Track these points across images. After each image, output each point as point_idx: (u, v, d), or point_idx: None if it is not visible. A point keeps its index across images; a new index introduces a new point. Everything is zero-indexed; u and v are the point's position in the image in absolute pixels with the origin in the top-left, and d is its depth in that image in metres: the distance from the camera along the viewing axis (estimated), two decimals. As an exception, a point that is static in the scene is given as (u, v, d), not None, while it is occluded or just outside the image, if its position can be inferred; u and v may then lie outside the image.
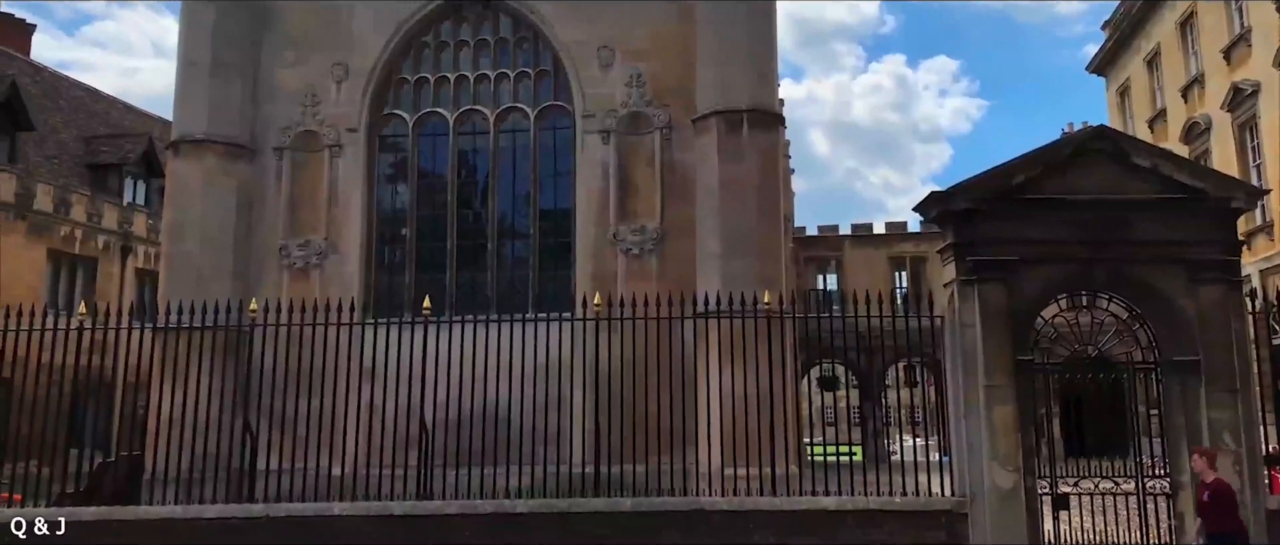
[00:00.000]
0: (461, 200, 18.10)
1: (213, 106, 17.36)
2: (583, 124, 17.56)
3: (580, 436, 11.13)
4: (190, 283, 15.93)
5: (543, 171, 17.97)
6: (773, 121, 16.74)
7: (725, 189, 15.80)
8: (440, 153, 18.17)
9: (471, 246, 17.86)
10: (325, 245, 17.51)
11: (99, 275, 26.57)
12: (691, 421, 11.35)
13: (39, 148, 27.02)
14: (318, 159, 17.84)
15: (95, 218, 26.58)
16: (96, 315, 11.80)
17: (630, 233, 16.95)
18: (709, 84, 16.50)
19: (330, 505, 10.43)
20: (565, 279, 17.28)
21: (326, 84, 18.04)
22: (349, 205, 17.69)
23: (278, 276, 17.32)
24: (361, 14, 18.25)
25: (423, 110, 18.14)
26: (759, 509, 10.12)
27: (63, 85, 31.56)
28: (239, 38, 17.80)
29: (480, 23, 18.46)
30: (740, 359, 10.90)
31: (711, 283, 14.50)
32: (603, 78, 17.66)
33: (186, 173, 17.26)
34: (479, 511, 10.14)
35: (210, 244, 16.86)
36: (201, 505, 10.59)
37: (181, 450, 10.89)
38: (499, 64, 18.32)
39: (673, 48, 17.39)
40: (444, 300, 16.64)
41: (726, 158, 15.95)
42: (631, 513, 10.11)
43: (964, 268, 10.37)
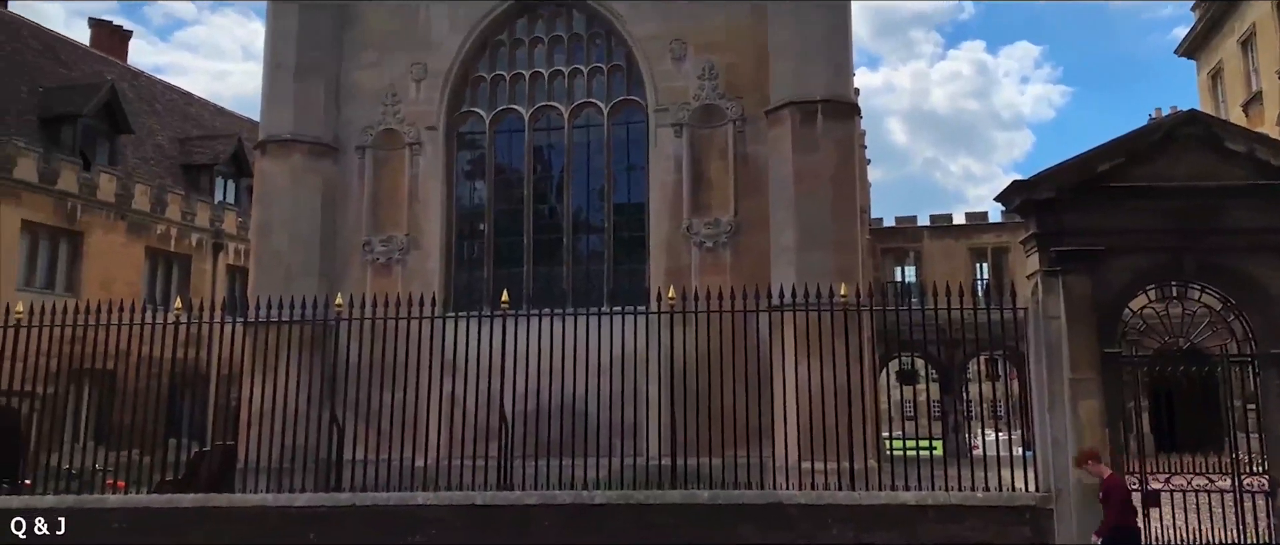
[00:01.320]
0: (537, 195, 18.31)
1: (298, 107, 17.89)
2: (656, 118, 17.60)
3: (656, 429, 11.21)
4: (278, 279, 16.47)
5: (616, 166, 18.07)
6: (848, 111, 16.54)
7: (799, 181, 15.68)
8: (516, 149, 18.42)
9: (547, 241, 18.07)
10: (407, 241, 17.91)
11: (192, 272, 27.66)
12: (767, 415, 11.34)
13: (137, 149, 28.23)
14: (398, 157, 18.25)
15: (189, 216, 27.66)
16: (192, 310, 12.29)
17: (703, 226, 16.95)
18: (783, 75, 16.39)
19: (414, 495, 10.71)
20: (639, 273, 17.36)
21: (406, 83, 18.43)
22: (429, 202, 18.06)
23: (361, 272, 17.78)
24: (438, 15, 18.59)
25: (499, 107, 18.40)
26: (837, 503, 10.07)
27: (158, 89, 32.89)
28: (322, 41, 18.29)
29: (554, 20, 18.64)
30: (816, 352, 10.84)
31: (786, 276, 14.43)
32: (675, 71, 17.68)
33: (274, 172, 17.83)
34: (558, 502, 10.31)
35: (297, 241, 17.38)
36: (292, 494, 10.99)
37: (272, 441, 11.31)
38: (573, 60, 18.47)
39: (746, 39, 17.31)
40: (521, 294, 16.89)
41: (801, 149, 15.82)
42: (708, 506, 10.16)
43: (1048, 258, 10.14)
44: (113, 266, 24.89)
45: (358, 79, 18.52)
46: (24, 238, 23.10)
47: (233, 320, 13.23)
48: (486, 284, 17.73)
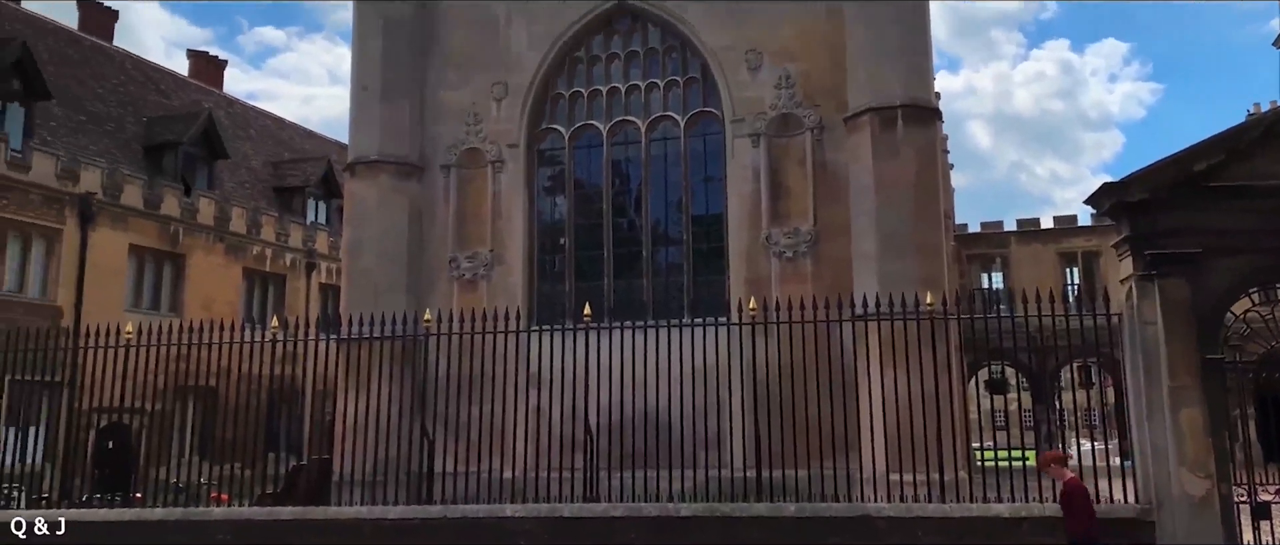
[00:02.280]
0: (616, 209, 18.48)
1: (384, 129, 18.42)
2: (732, 128, 17.61)
3: (739, 441, 11.19)
4: (369, 296, 16.96)
5: (694, 177, 18.12)
6: (929, 116, 16.29)
7: (880, 188, 15.50)
8: (595, 163, 18.63)
9: (627, 254, 18.21)
10: (491, 257, 18.25)
11: (287, 290, 28.69)
12: (852, 426, 11.23)
13: (233, 174, 29.43)
14: (481, 174, 18.63)
15: (283, 237, 28.71)
16: (288, 329, 12.74)
17: (783, 236, 16.87)
18: (861, 81, 16.24)
19: (502, 507, 10.90)
20: (718, 284, 17.36)
21: (487, 102, 18.82)
22: (512, 218, 18.38)
23: (448, 287, 18.17)
24: (517, 34, 18.95)
25: (577, 123, 18.65)
26: (927, 516, 9.90)
27: (251, 115, 34.26)
28: (405, 63, 18.81)
29: (630, 35, 18.82)
30: (902, 362, 10.70)
31: (869, 284, 14.27)
32: (751, 81, 17.66)
33: (362, 192, 18.38)
34: (644, 514, 10.37)
35: (386, 259, 17.87)
36: (385, 506, 11.29)
37: (365, 454, 11.65)
38: (649, 74, 18.61)
39: (822, 47, 17.21)
40: (601, 307, 17.05)
41: (881, 155, 15.64)
42: (795, 518, 10.09)
43: (1142, 262, 9.83)
44: (213, 287, 25.98)
45: (441, 99, 18.98)
46: (131, 261, 24.29)
47: (326, 337, 13.66)
48: (568, 297, 17.95)
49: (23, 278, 21.97)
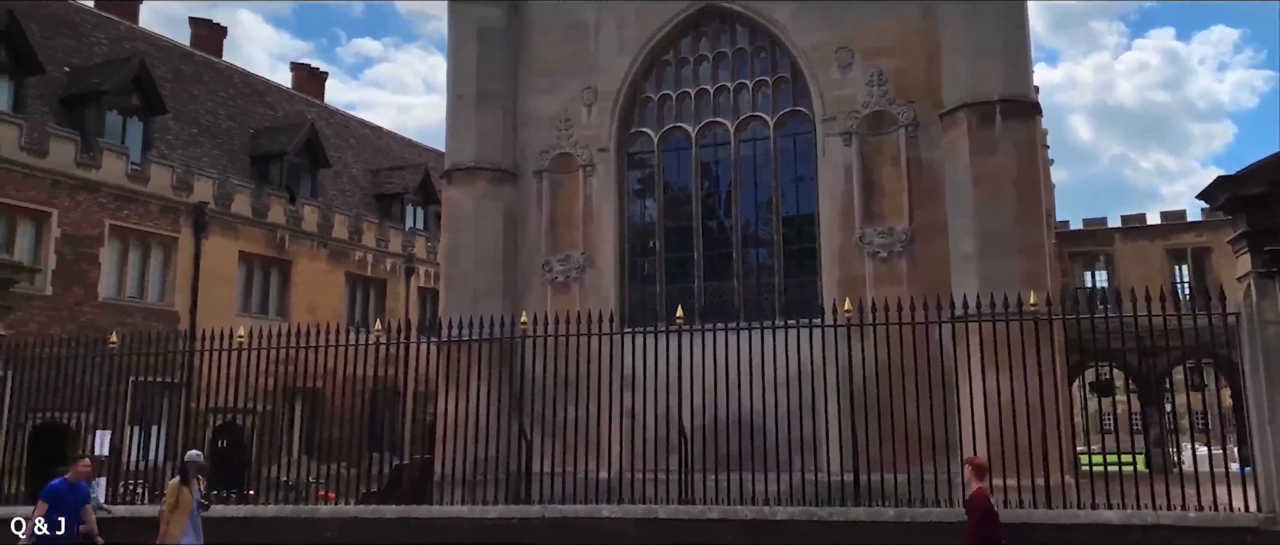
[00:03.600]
0: (706, 211, 18.49)
1: (479, 136, 18.81)
2: (823, 127, 17.43)
3: (836, 444, 11.07)
4: (466, 299, 17.36)
5: (784, 178, 17.99)
6: (1028, 111, 15.84)
7: (978, 185, 15.14)
8: (684, 165, 18.66)
9: (717, 256, 18.19)
10: (583, 260, 18.46)
11: (387, 294, 29.58)
12: (951, 429, 11.00)
13: (335, 182, 30.47)
14: (573, 179, 18.87)
15: (383, 243, 29.60)
16: (389, 332, 13.13)
17: (877, 235, 16.62)
18: (956, 76, 15.89)
19: (599, 508, 11.02)
20: (811, 285, 17.20)
21: (577, 108, 19.04)
22: (603, 221, 18.56)
23: (541, 290, 18.46)
24: (606, 40, 19.13)
25: (666, 126, 18.71)
26: (1032, 522, 9.63)
27: (351, 124, 35.42)
28: (499, 71, 19.18)
29: (718, 36, 18.81)
30: (1004, 364, 10.43)
31: (968, 284, 13.95)
32: (842, 79, 17.45)
33: (459, 198, 18.82)
34: (740, 517, 10.35)
35: (482, 263, 18.25)
36: (485, 506, 11.53)
37: (465, 454, 11.92)
38: (737, 75, 18.56)
39: (915, 43, 16.90)
40: (692, 309, 17.07)
41: (978, 152, 15.27)
42: (894, 523, 9.95)
43: (1261, 259, 9.38)
44: (317, 291, 26.96)
45: (533, 106, 19.29)
46: (241, 267, 25.40)
47: (427, 340, 14.03)
48: (659, 299, 18.02)
49: (143, 284, 23.18)
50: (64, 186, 21.36)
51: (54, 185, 21.18)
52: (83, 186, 21.72)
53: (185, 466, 10.67)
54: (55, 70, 23.42)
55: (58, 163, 21.27)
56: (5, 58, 21.43)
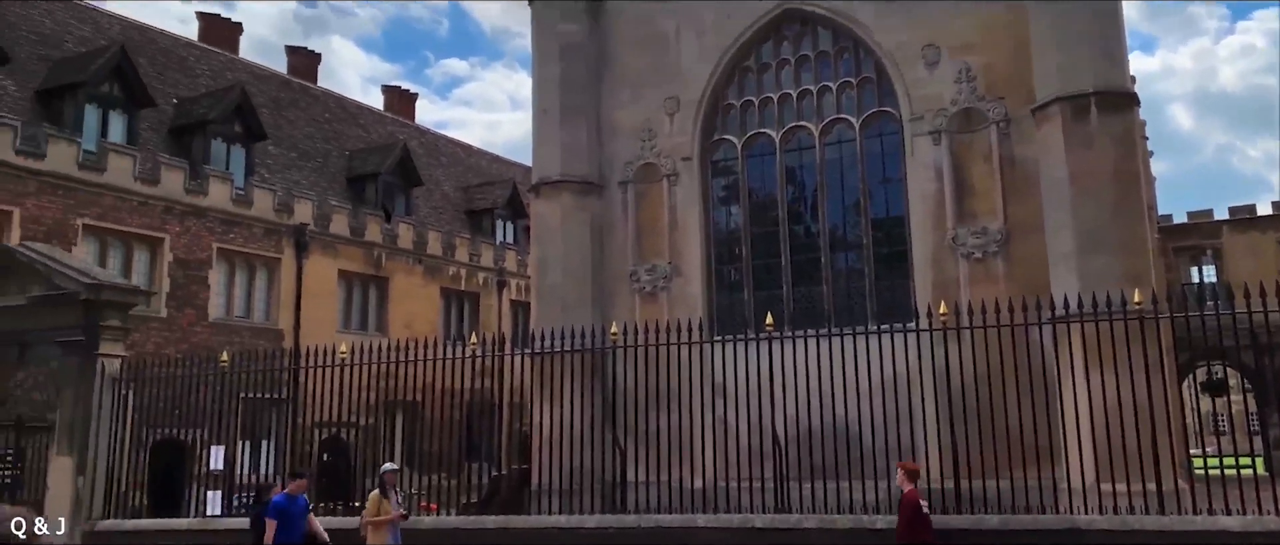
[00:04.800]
0: (792, 216, 18.37)
1: (564, 150, 19.10)
2: (911, 127, 17.16)
3: (935, 450, 10.88)
4: (556, 311, 17.62)
5: (872, 179, 17.76)
6: (1125, 102, 15.30)
7: (1075, 181, 14.70)
8: (768, 171, 18.60)
9: (805, 261, 18.06)
10: (669, 269, 18.55)
11: (481, 308, 30.22)
12: (1054, 433, 10.70)
13: (427, 199, 31.29)
14: (657, 189, 18.99)
15: (475, 257, 30.28)
16: (485, 345, 13.42)
17: (970, 235, 16.27)
18: (1048, 69, 15.46)
19: (695, 517, 11.05)
20: (903, 288, 16.93)
21: (660, 118, 19.17)
22: (688, 229, 18.63)
23: (629, 300, 18.61)
24: (687, 49, 19.21)
25: (749, 132, 18.68)
26: (1145, 528, 9.28)
27: (441, 143, 36.33)
28: (582, 85, 19.45)
29: (799, 39, 18.69)
30: (1109, 364, 10.11)
31: (1067, 283, 13.54)
32: (929, 77, 17.16)
33: (546, 212, 19.13)
34: (837, 526, 10.26)
35: (570, 275, 18.51)
36: (582, 515, 11.67)
37: (560, 464, 12.09)
38: (820, 77, 18.41)
39: (1003, 37, 16.52)
40: (781, 315, 16.97)
41: (1074, 147, 14.83)
42: (998, 530, 9.72)
43: (1388, 249, 8.87)
44: (414, 306, 27.71)
45: (616, 117, 19.49)
46: (341, 284, 26.28)
47: (521, 352, 14.29)
48: (747, 306, 17.98)
49: (249, 303, 24.17)
50: (175, 212, 22.44)
51: (166, 212, 22.27)
52: (192, 212, 22.79)
53: (382, 477, 11.10)
54: (164, 103, 24.63)
55: (169, 190, 22.36)
56: (119, 93, 22.64)
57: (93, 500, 13.03)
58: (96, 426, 13.15)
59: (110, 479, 13.22)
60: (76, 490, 12.97)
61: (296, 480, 11.11)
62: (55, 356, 13.39)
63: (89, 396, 13.14)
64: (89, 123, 21.77)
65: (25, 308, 13.54)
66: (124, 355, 13.85)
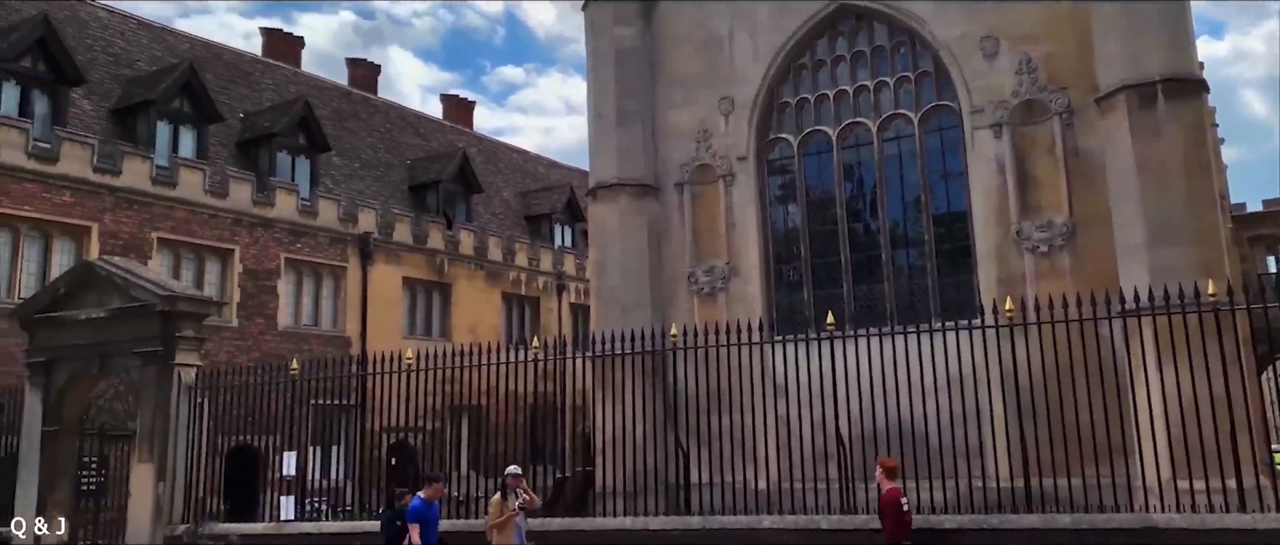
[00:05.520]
0: (850, 213, 18.22)
1: (620, 153, 19.19)
2: (971, 120, 16.90)
3: (1004, 448, 10.69)
4: (616, 313, 17.72)
5: (932, 175, 17.54)
6: (1193, 89, 14.87)
7: (1143, 171, 14.33)
8: (826, 169, 18.46)
9: (864, 259, 17.89)
10: (727, 269, 18.53)
11: (541, 311, 30.53)
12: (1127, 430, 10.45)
13: (487, 206, 31.70)
14: (713, 190, 18.98)
15: (534, 262, 30.60)
16: (547, 348, 13.54)
17: (1035, 229, 15.96)
18: (1112, 57, 15.11)
19: (760, 519, 11.02)
20: (966, 284, 16.67)
21: (715, 118, 19.15)
22: (745, 229, 18.58)
23: (688, 301, 18.63)
24: (741, 49, 19.16)
25: (806, 130, 18.57)
26: (1226, 527, 9.00)
27: (500, 150, 36.76)
28: (636, 88, 19.52)
29: (855, 35, 18.53)
30: (1183, 358, 9.84)
31: (1137, 276, 13.21)
32: (988, 69, 16.88)
33: (604, 215, 19.24)
34: (905, 526, 10.13)
35: (629, 277, 18.59)
36: (646, 517, 11.71)
37: (623, 466, 12.16)
38: (877, 73, 18.22)
39: (1064, 25, 16.18)
40: (841, 314, 16.81)
41: (1141, 136, 14.47)
42: (1071, 529, 9.52)
43: None
44: (476, 311, 28.11)
45: (670, 119, 19.53)
46: (405, 291, 26.78)
47: (582, 355, 14.39)
48: (807, 305, 17.88)
49: (317, 312, 24.75)
50: (244, 224, 23.07)
51: (235, 223, 22.91)
52: (260, 223, 23.41)
53: (505, 480, 11.00)
54: (231, 117, 25.34)
55: (237, 203, 23.00)
56: (189, 109, 23.35)
57: (173, 506, 13.43)
58: (174, 434, 13.55)
59: (189, 485, 13.62)
60: (157, 496, 13.38)
61: (432, 485, 10.96)
62: (134, 367, 13.84)
63: (167, 405, 13.55)
64: (161, 139, 22.50)
65: (105, 320, 14.01)
66: (199, 364, 14.24)
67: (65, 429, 14.29)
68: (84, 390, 14.58)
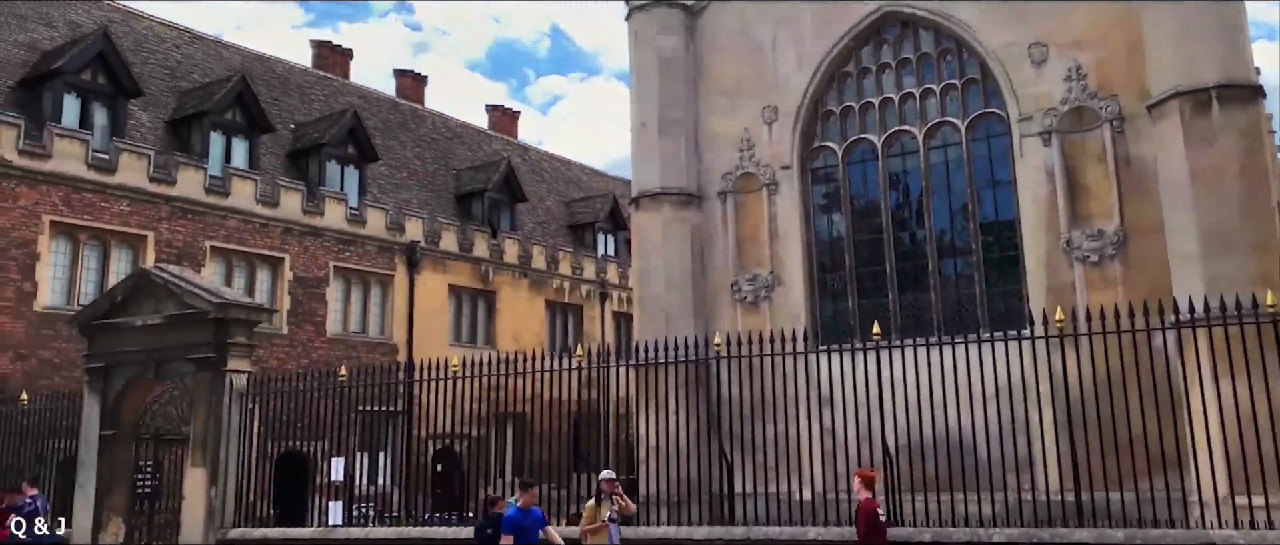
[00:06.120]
0: (896, 222, 18.07)
1: (663, 162, 19.23)
2: (1019, 128, 16.69)
3: (1053, 461, 10.52)
4: (659, 322, 17.76)
5: (979, 183, 17.35)
6: (1249, 95, 14.52)
7: (1197, 179, 14.04)
8: (871, 177, 18.33)
9: (910, 268, 17.72)
10: (771, 278, 18.46)
11: (584, 319, 30.66)
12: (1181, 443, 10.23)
13: (531, 214, 31.94)
14: (757, 198, 18.94)
15: (578, 270, 30.76)
16: (591, 356, 13.59)
17: (1085, 239, 15.70)
18: (1164, 63, 14.83)
19: (805, 529, 10.96)
20: (1015, 294, 16.44)
21: (758, 127, 19.11)
22: (789, 238, 18.51)
23: (731, 310, 18.59)
24: (784, 57, 19.11)
25: (850, 138, 18.47)
26: (1288, 544, 8.79)
27: (543, 159, 37.03)
28: (678, 97, 19.56)
29: (900, 42, 18.40)
30: (1240, 370, 9.62)
31: (1191, 286, 12.93)
32: (1036, 76, 16.66)
33: (647, 224, 19.29)
34: (953, 539, 10.02)
35: (672, 286, 18.61)
36: (691, 527, 11.70)
37: (666, 475, 12.16)
38: (923, 80, 18.07)
39: (1114, 31, 15.92)
40: (887, 324, 16.66)
41: (1195, 143, 14.17)
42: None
43: None
44: (520, 319, 28.32)
45: (713, 128, 19.53)
46: (451, 299, 27.07)
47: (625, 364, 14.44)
48: (851, 315, 17.76)
49: (365, 319, 25.11)
50: (294, 232, 23.49)
51: (285, 232, 23.34)
52: (309, 232, 23.81)
53: (600, 486, 10.90)
54: (282, 128, 25.83)
55: (288, 212, 23.42)
56: (241, 120, 23.85)
57: (225, 509, 13.69)
58: (226, 439, 13.81)
59: (240, 489, 13.87)
60: (209, 500, 13.65)
61: (527, 491, 10.67)
62: (188, 372, 14.14)
63: (219, 411, 13.83)
64: (214, 149, 23.00)
65: (161, 326, 14.34)
66: (250, 371, 14.51)
67: (122, 433, 14.64)
68: (140, 395, 14.92)
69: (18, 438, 16.13)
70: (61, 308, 19.15)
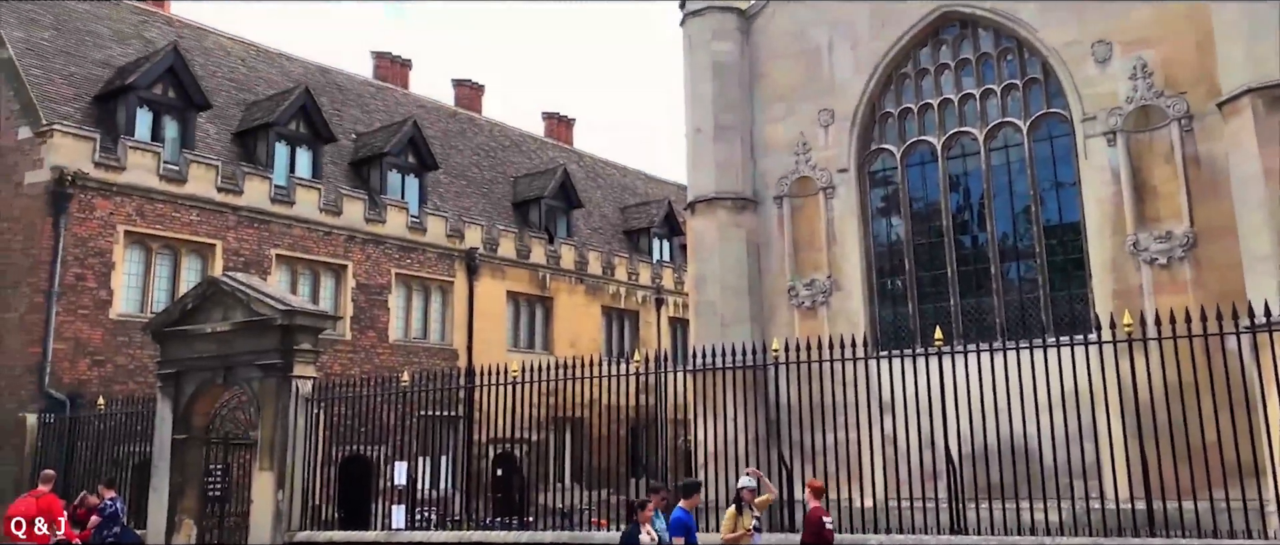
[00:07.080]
0: (956, 225, 17.81)
1: (718, 167, 19.22)
2: (1083, 128, 16.35)
3: (1122, 469, 10.28)
4: (715, 327, 17.73)
5: (1042, 184, 17.04)
6: (1326, 90, 14.07)
7: (1271, 178, 13.59)
8: (930, 179, 18.11)
9: (971, 271, 17.46)
10: (828, 283, 18.33)
11: (640, 325, 30.75)
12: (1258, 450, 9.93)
13: (587, 220, 32.15)
14: (813, 202, 18.82)
15: (633, 276, 30.87)
16: (647, 362, 13.63)
17: (1153, 240, 15.31)
18: (1234, 60, 14.40)
19: (867, 538, 10.86)
20: (1080, 297, 16.11)
21: (814, 131, 19.01)
22: (846, 242, 18.36)
23: (788, 315, 18.50)
24: (841, 59, 18.98)
25: (909, 140, 18.27)
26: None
27: (598, 165, 37.24)
28: (733, 102, 19.54)
29: (959, 43, 18.16)
30: (1319, 376, 9.31)
31: (1266, 288, 12.54)
32: (1100, 75, 16.31)
33: (703, 229, 19.29)
34: (1018, 547, 9.85)
35: (728, 291, 18.57)
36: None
37: (723, 480, 12.13)
38: (982, 81, 17.81)
39: (1181, 28, 15.53)
40: (949, 329, 16.43)
41: (1268, 141, 13.73)
42: (1195, 554, 9.10)
43: None
44: (576, 325, 28.52)
45: (769, 132, 19.47)
46: (509, 305, 27.38)
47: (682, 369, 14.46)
48: (911, 320, 17.55)
49: (426, 325, 25.49)
50: (356, 240, 23.96)
51: (349, 240, 23.81)
52: (372, 240, 24.27)
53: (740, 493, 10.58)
54: (344, 137, 26.37)
55: (350, 220, 23.90)
56: (304, 131, 24.41)
57: (291, 512, 14.00)
58: (292, 444, 14.12)
59: (306, 492, 14.18)
60: (277, 503, 13.97)
61: (691, 495, 10.30)
62: (256, 378, 14.50)
63: (286, 415, 14.15)
64: (279, 159, 23.56)
65: (229, 333, 14.73)
66: (315, 376, 14.82)
67: (193, 437, 15.06)
68: (210, 400, 15.34)
69: (95, 441, 16.69)
70: (135, 315, 19.77)
